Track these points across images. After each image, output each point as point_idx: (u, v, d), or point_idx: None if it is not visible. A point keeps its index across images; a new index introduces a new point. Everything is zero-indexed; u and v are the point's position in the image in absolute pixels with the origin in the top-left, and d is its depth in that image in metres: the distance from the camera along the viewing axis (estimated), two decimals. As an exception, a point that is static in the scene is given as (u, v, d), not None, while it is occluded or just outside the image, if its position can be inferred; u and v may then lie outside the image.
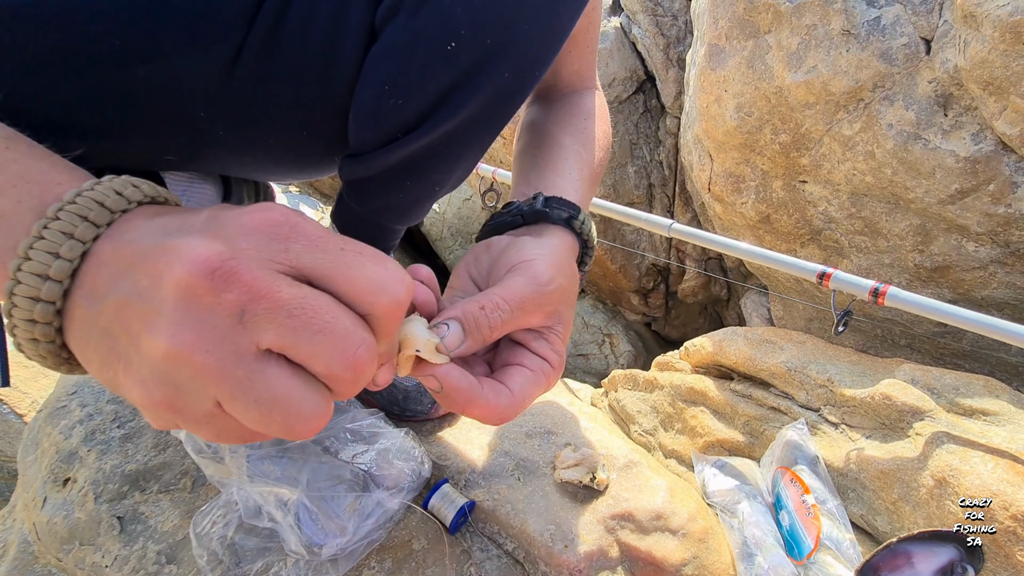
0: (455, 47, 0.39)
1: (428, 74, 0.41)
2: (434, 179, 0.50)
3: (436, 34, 0.39)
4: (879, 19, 0.89)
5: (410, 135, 0.44)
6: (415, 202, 0.54)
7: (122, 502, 0.66)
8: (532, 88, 0.44)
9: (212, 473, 0.61)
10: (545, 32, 0.42)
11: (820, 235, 1.12)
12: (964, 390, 0.67)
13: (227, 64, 0.41)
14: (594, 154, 0.52)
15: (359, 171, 0.48)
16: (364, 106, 0.43)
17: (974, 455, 0.56)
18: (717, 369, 0.89)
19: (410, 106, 0.42)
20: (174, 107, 0.43)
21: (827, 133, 1.00)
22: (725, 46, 1.09)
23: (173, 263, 0.21)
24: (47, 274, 0.23)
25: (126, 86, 0.40)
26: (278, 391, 0.22)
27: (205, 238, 0.22)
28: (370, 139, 0.45)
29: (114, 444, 0.72)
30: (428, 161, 0.47)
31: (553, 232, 0.41)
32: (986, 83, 0.79)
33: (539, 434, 0.75)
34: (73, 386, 0.82)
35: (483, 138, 0.47)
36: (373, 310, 0.24)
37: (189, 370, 0.21)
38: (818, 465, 0.66)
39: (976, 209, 0.88)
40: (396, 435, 0.67)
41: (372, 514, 0.60)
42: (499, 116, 0.45)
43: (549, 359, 0.34)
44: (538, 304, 0.34)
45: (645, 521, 0.63)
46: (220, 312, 0.21)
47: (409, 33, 0.40)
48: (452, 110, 0.42)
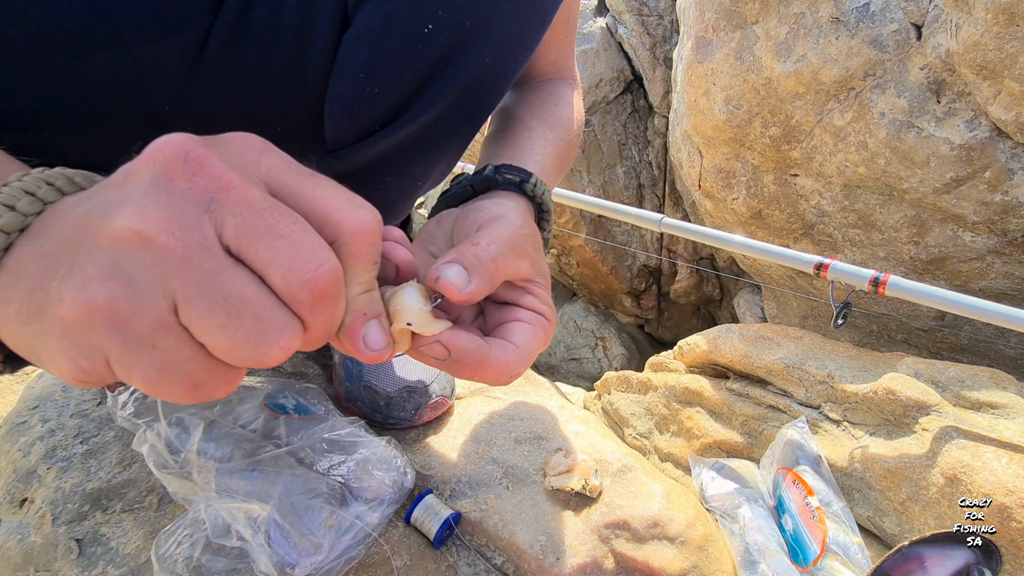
0: (431, 29, 0.37)
1: (404, 60, 0.38)
2: (415, 173, 0.47)
3: (411, 16, 0.37)
4: (868, 5, 0.87)
5: (388, 127, 0.41)
6: (396, 199, 0.51)
7: (82, 523, 0.62)
8: (514, 76, 0.42)
9: (176, 490, 0.57)
10: (528, 12, 0.39)
11: (813, 229, 1.10)
12: (970, 383, 0.64)
13: (192, 54, 0.39)
14: (562, 137, 0.49)
15: (336, 167, 0.45)
16: (339, 97, 0.40)
17: (986, 450, 0.53)
18: (712, 368, 0.86)
19: (387, 95, 0.40)
20: (136, 100, 0.40)
21: (818, 124, 0.98)
22: (712, 38, 1.07)
23: (146, 155, 0.20)
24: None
25: (83, 76, 0.37)
26: (247, 291, 0.19)
27: (181, 136, 0.20)
28: (347, 132, 0.42)
29: (76, 461, 0.68)
30: (408, 155, 0.44)
31: (505, 196, 0.38)
32: (979, 67, 0.77)
33: (529, 440, 0.72)
34: (35, 400, 0.77)
35: (465, 129, 0.44)
36: (339, 232, 0.21)
37: (149, 256, 0.18)
38: (821, 465, 0.63)
39: (972, 198, 0.86)
40: (377, 444, 0.63)
41: (349, 529, 0.56)
42: (481, 105, 0.42)
43: (542, 311, 0.32)
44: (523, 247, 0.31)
45: (641, 529, 0.60)
46: (189, 197, 0.19)
47: (383, 16, 0.37)
48: (431, 98, 0.39)
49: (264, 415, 0.64)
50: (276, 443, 0.62)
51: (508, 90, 0.46)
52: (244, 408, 0.65)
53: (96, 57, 0.37)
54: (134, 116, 0.41)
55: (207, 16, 0.38)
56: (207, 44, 0.39)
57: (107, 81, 0.38)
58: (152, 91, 0.40)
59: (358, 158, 0.43)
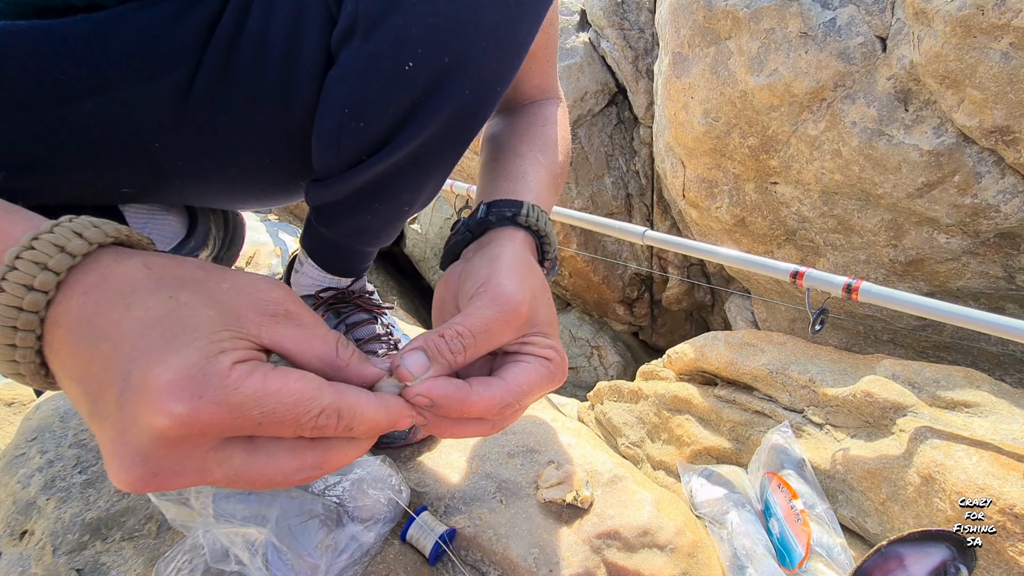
0: (413, 67, 0.39)
1: (388, 95, 0.40)
2: (402, 199, 0.49)
3: (393, 55, 0.39)
4: (834, 20, 0.90)
5: (374, 157, 0.43)
6: (385, 224, 0.53)
7: (82, 553, 0.63)
8: (495, 104, 0.44)
9: (174, 516, 0.58)
10: (504, 47, 0.41)
11: (795, 235, 1.12)
12: (945, 382, 0.66)
13: (180, 93, 0.40)
14: (553, 158, 0.51)
15: (326, 196, 0.47)
16: (326, 131, 0.42)
17: (958, 449, 0.55)
18: (701, 375, 0.88)
19: (372, 128, 0.41)
20: (127, 139, 0.42)
21: (794, 134, 1.01)
22: (688, 54, 1.10)
23: (149, 415, 0.24)
24: (32, 285, 0.24)
25: (73, 120, 0.39)
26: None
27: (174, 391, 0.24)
28: (334, 163, 0.44)
29: (75, 491, 0.69)
30: (395, 182, 0.46)
31: (500, 236, 0.40)
32: (942, 77, 0.80)
33: (521, 453, 0.73)
34: (33, 432, 0.78)
35: (449, 156, 0.46)
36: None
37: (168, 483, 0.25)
38: (805, 468, 0.65)
39: (944, 201, 0.89)
40: (371, 463, 0.64)
41: (346, 549, 0.57)
42: (463, 133, 0.44)
43: (542, 354, 0.33)
44: (504, 323, 0.33)
45: (631, 538, 0.61)
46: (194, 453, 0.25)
47: (365, 56, 0.39)
48: (415, 130, 0.41)
49: (260, 439, 0.66)
50: (272, 466, 0.63)
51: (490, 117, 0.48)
52: (240, 433, 0.66)
53: (85, 103, 0.38)
54: (124, 155, 0.43)
55: (194, 57, 0.40)
56: (194, 83, 0.40)
57: (97, 124, 0.40)
58: (141, 131, 0.41)
59: (346, 187, 0.45)
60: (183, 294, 0.26)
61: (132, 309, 0.25)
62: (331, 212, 0.50)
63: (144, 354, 0.24)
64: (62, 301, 0.25)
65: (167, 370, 0.23)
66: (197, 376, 0.23)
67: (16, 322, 0.24)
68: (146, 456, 0.24)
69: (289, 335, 0.27)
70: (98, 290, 0.25)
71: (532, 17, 0.42)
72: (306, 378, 0.25)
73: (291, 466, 0.26)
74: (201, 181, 0.49)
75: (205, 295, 0.26)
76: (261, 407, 0.24)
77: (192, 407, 0.23)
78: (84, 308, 0.25)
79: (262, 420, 0.24)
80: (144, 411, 0.23)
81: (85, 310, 0.25)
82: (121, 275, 0.26)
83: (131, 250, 0.27)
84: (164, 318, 0.25)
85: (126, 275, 0.26)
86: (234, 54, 0.40)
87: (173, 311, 0.25)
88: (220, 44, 0.40)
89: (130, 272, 0.26)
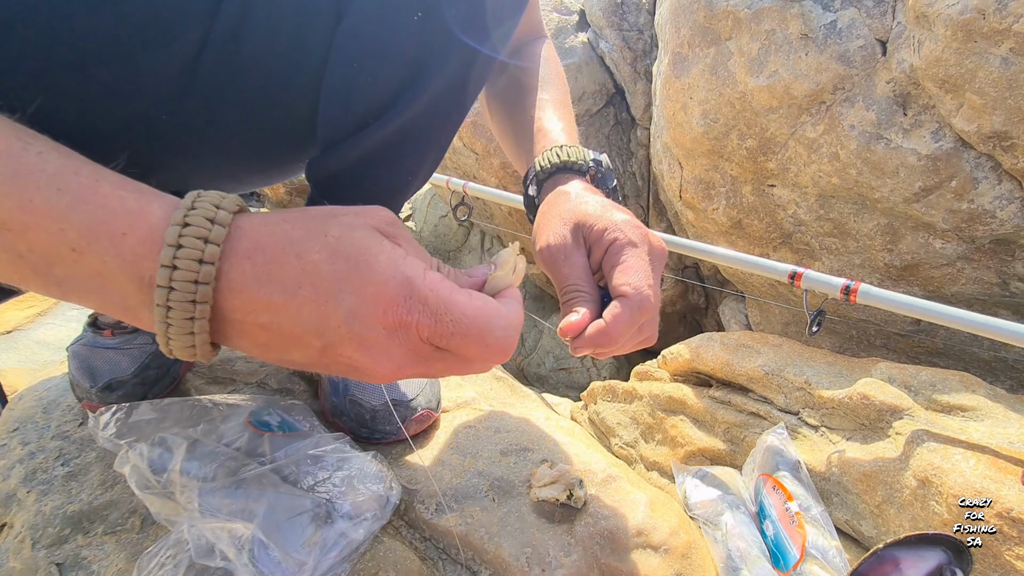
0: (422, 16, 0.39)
1: (397, 48, 0.40)
2: (406, 167, 0.48)
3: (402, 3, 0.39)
4: (835, 23, 0.90)
5: (381, 119, 0.43)
6: (390, 194, 0.52)
7: (62, 547, 0.61)
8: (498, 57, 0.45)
9: (159, 510, 0.56)
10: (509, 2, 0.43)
11: (791, 238, 1.12)
12: (941, 386, 0.66)
13: (191, 60, 0.40)
14: (559, 86, 0.58)
15: (330, 166, 0.46)
16: (334, 86, 0.42)
17: (955, 453, 0.55)
18: (696, 376, 0.87)
19: (380, 83, 0.41)
20: (135, 110, 0.41)
21: (792, 136, 1.00)
22: (688, 54, 1.10)
23: (372, 293, 0.28)
24: (201, 259, 0.26)
25: (85, 88, 0.38)
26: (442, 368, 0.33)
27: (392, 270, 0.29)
28: (341, 124, 0.44)
29: (56, 483, 0.67)
30: (399, 147, 0.46)
31: (564, 183, 0.48)
32: (942, 81, 0.81)
33: (515, 451, 0.72)
34: (15, 423, 0.76)
35: (453, 118, 0.47)
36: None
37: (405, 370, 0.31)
38: (800, 470, 0.64)
39: (940, 206, 0.89)
40: (362, 459, 0.63)
41: (335, 546, 0.56)
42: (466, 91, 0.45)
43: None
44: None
45: (625, 538, 0.60)
46: (420, 342, 0.30)
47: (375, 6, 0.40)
48: (422, 86, 0.42)
49: (248, 433, 0.64)
50: (260, 461, 0.62)
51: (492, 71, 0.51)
52: (228, 426, 0.65)
53: (99, 71, 0.37)
54: (131, 125, 0.42)
55: (206, 21, 0.39)
56: (205, 48, 0.40)
57: (107, 92, 0.39)
58: (149, 100, 0.41)
59: (352, 153, 0.45)
60: (330, 230, 0.29)
61: (305, 256, 0.28)
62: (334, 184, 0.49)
63: (345, 283, 0.28)
64: (229, 269, 0.27)
65: (376, 286, 0.28)
66: (401, 280, 0.28)
67: (195, 296, 0.26)
68: (390, 355, 0.29)
69: (409, 249, 0.31)
70: (259, 252, 0.28)
71: None
72: (484, 299, 0.30)
73: (480, 367, 0.32)
74: (202, 155, 0.49)
75: (343, 226, 0.29)
76: (451, 315, 0.28)
77: (408, 307, 0.28)
78: (257, 269, 0.27)
79: (454, 331, 0.29)
80: (375, 323, 0.28)
81: (259, 270, 0.27)
82: (269, 234, 0.28)
83: (254, 212, 0.30)
84: (335, 253, 0.28)
85: (274, 233, 0.28)
86: (245, 16, 0.40)
87: (336, 247, 0.28)
88: (231, 5, 0.39)
89: (275, 230, 0.28)
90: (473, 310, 0.29)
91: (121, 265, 0.26)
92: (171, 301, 0.26)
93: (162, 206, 0.27)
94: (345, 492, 0.60)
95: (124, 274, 0.26)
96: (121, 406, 0.64)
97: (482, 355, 0.30)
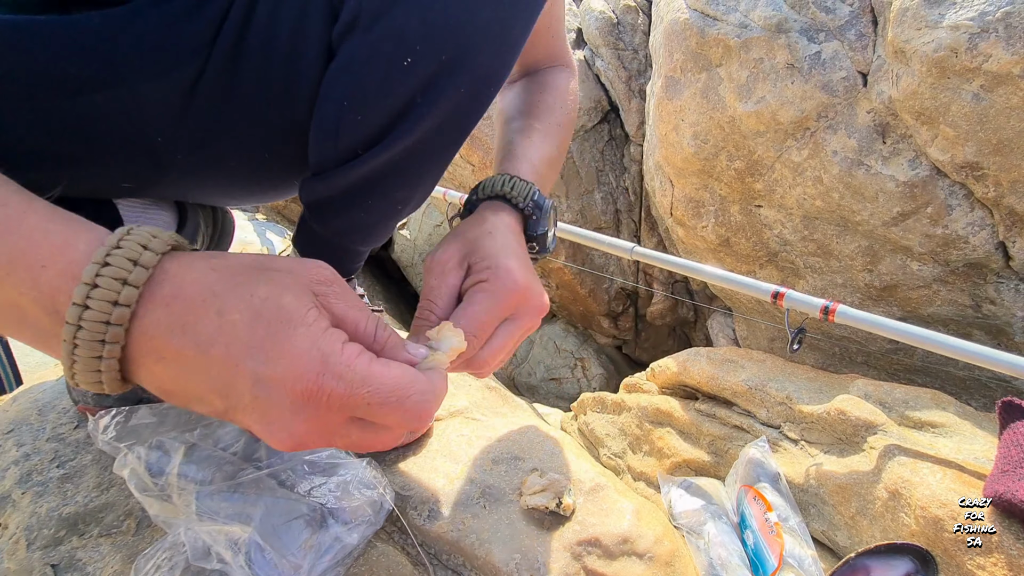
0: (411, 62, 0.40)
1: (386, 88, 0.41)
2: (396, 197, 0.50)
3: (392, 49, 0.40)
4: (819, 54, 0.95)
5: (371, 151, 0.44)
6: (378, 221, 0.54)
7: (57, 548, 0.62)
8: (489, 102, 0.46)
9: (157, 512, 0.57)
10: (498, 47, 0.43)
11: (777, 257, 1.16)
12: (913, 403, 0.69)
13: (188, 88, 0.41)
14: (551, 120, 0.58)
15: (321, 190, 0.48)
16: (324, 121, 0.43)
17: (924, 467, 0.58)
18: (683, 389, 0.90)
19: (370, 120, 0.43)
20: (133, 133, 0.42)
21: (778, 160, 1.05)
22: (680, 78, 1.14)
23: (288, 397, 0.28)
24: (116, 300, 0.26)
25: (83, 113, 0.39)
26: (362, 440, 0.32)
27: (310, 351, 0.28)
28: (331, 155, 0.45)
29: (52, 485, 0.68)
30: (390, 178, 0.47)
31: (485, 211, 0.48)
32: (918, 113, 0.85)
33: (506, 460, 0.74)
34: (10, 424, 0.77)
35: (443, 153, 0.48)
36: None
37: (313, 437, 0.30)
38: (780, 482, 0.67)
39: (917, 230, 0.93)
40: (356, 466, 0.65)
41: (329, 550, 0.57)
42: (458, 130, 0.46)
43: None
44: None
45: (612, 546, 0.63)
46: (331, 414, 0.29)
47: (366, 49, 0.41)
48: (412, 124, 0.43)
49: (245, 437, 0.66)
50: (257, 465, 0.63)
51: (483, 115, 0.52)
52: (225, 431, 0.66)
53: (96, 96, 0.39)
54: (129, 149, 0.43)
55: (204, 50, 0.41)
56: (202, 77, 0.41)
57: (105, 117, 0.40)
58: (148, 124, 0.42)
59: (342, 181, 0.46)
60: (259, 290, 0.28)
61: (225, 314, 0.27)
62: (325, 208, 0.51)
63: (259, 350, 0.27)
64: (145, 314, 0.27)
65: (289, 359, 0.27)
66: (317, 357, 0.27)
67: (104, 336, 0.26)
68: (291, 430, 0.28)
69: (341, 312, 0.31)
70: (179, 300, 0.27)
71: (525, 17, 0.43)
72: (403, 367, 0.30)
73: (392, 437, 0.32)
74: (200, 174, 0.50)
75: (274, 285, 0.29)
76: (368, 387, 0.28)
77: (320, 383, 0.27)
78: (172, 318, 0.27)
79: (370, 401, 0.28)
80: (281, 396, 0.27)
81: (174, 320, 0.27)
82: (193, 282, 0.28)
83: (184, 253, 0.30)
84: (257, 316, 0.28)
85: (198, 281, 0.28)
86: (241, 48, 0.41)
87: (259, 310, 0.28)
88: (228, 38, 0.41)
89: (200, 279, 0.28)
90: (391, 379, 0.29)
91: (37, 297, 0.26)
92: (78, 339, 0.26)
93: (88, 241, 0.27)
94: (340, 497, 0.61)
95: (38, 306, 0.26)
96: (120, 410, 0.65)
97: (400, 421, 0.30)
